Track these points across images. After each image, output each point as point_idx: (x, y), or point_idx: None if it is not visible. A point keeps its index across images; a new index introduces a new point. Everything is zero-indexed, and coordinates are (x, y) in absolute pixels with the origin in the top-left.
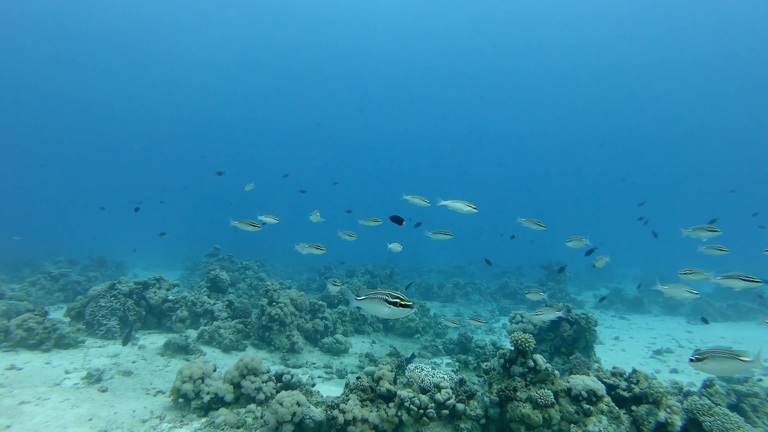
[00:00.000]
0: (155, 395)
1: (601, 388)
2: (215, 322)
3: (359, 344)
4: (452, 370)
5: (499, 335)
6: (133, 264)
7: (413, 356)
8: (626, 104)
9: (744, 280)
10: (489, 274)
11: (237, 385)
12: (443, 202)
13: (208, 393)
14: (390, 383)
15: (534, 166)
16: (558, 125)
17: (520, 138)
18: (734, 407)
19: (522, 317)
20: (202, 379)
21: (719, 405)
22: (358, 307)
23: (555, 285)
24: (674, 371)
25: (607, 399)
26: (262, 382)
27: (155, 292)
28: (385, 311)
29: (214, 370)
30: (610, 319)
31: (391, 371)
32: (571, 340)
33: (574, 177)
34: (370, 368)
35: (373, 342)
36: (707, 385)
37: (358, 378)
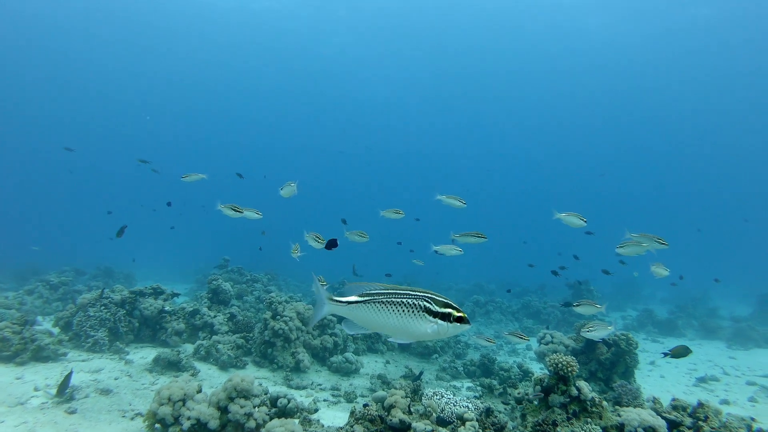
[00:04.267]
0: (132, 418)
1: (661, 425)
2: (214, 337)
3: (372, 364)
4: (474, 396)
5: (524, 357)
6: (144, 276)
7: (421, 373)
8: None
9: None
10: (510, 293)
11: (224, 410)
12: (558, 216)
13: (188, 418)
14: (404, 412)
15: (545, 177)
16: (572, 137)
17: (529, 148)
18: None
19: (552, 337)
20: (183, 401)
21: None
22: (342, 317)
23: None
24: (725, 402)
25: None
26: (254, 407)
27: (151, 302)
28: (428, 330)
29: (199, 391)
30: (642, 342)
31: (405, 397)
32: (609, 365)
33: (589, 190)
34: (380, 393)
35: (387, 362)
36: None
37: (365, 405)
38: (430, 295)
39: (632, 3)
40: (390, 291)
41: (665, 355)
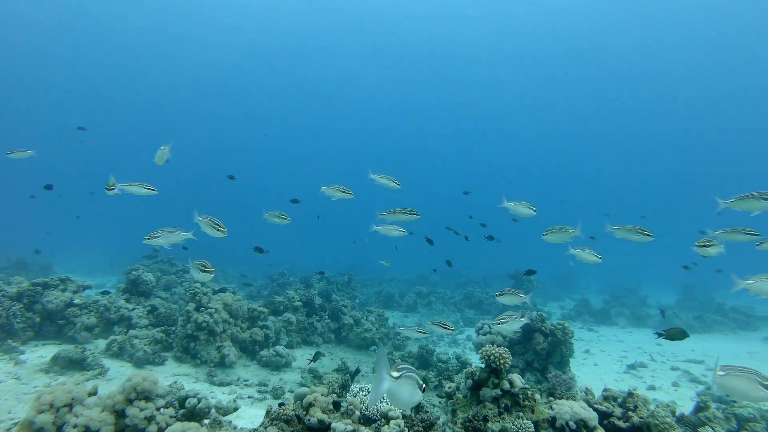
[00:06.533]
0: (9, 429)
1: (593, 417)
2: (131, 331)
3: (306, 357)
4: None
5: (464, 348)
6: (67, 268)
7: (358, 371)
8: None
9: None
10: (453, 284)
11: (121, 414)
12: (505, 204)
13: (75, 426)
14: (323, 411)
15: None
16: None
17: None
18: None
19: (490, 328)
20: (71, 406)
21: None
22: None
23: None
24: (652, 388)
25: (600, 431)
26: (157, 409)
27: (57, 294)
28: (415, 398)
29: (93, 393)
30: (578, 331)
31: (327, 395)
32: (545, 354)
33: (529, 180)
34: (301, 390)
35: (323, 355)
36: (701, 407)
37: (280, 404)
38: (414, 369)
39: None
40: (405, 366)
41: (659, 335)
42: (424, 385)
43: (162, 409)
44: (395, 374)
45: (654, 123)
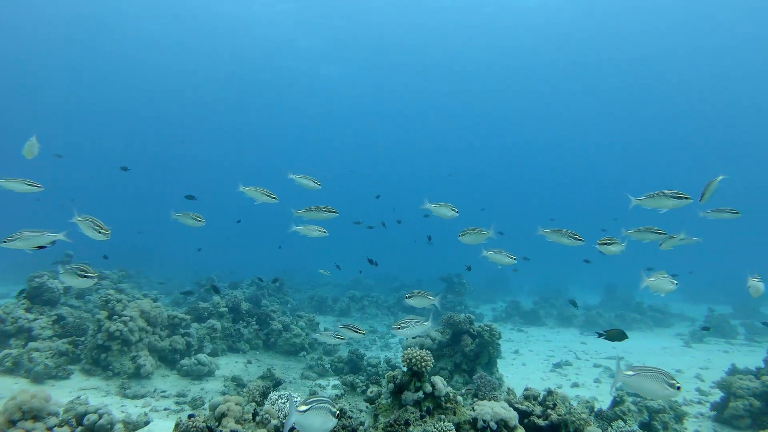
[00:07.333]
0: None
1: (513, 417)
2: (32, 343)
3: (231, 365)
4: (337, 395)
5: (396, 351)
6: None
7: (280, 383)
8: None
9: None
10: (387, 288)
11: None
12: (427, 205)
13: None
14: (237, 421)
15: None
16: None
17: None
18: (646, 425)
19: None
20: None
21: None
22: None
23: (454, 297)
24: (576, 385)
25: (520, 430)
26: (48, 429)
27: None
28: (329, 425)
29: None
30: (508, 332)
31: (246, 403)
32: (473, 356)
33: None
34: (215, 400)
35: (249, 362)
36: (617, 402)
37: (190, 416)
38: (327, 398)
39: None
40: (316, 399)
41: (600, 335)
42: (338, 412)
43: (55, 429)
44: (303, 408)
45: (573, 125)
